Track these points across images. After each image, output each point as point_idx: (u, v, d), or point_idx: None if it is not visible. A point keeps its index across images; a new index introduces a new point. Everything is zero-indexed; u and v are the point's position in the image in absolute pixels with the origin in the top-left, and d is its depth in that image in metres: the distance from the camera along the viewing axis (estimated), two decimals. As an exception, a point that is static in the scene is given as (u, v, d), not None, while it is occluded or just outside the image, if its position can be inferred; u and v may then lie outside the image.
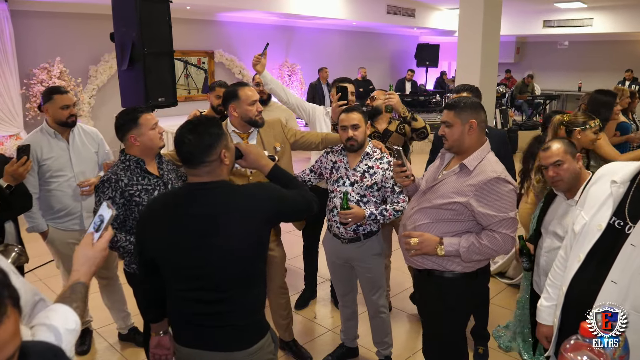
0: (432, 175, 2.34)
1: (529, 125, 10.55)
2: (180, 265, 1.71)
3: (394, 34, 13.53)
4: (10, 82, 6.63)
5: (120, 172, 2.28)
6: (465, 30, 5.82)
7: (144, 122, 2.31)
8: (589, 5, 11.35)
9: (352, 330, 3.11)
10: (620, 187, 1.53)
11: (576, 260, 1.56)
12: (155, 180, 2.36)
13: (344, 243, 2.77)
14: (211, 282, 1.69)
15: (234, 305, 1.72)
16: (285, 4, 8.75)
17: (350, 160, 2.75)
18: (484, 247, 2.07)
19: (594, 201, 1.60)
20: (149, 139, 2.33)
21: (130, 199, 2.26)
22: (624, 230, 1.47)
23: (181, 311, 1.76)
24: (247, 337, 1.74)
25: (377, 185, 2.68)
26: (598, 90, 3.90)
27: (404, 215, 2.40)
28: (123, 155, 2.36)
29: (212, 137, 1.68)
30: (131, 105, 4.05)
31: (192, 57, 9.03)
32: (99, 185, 2.28)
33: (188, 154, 1.68)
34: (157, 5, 3.73)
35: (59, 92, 2.90)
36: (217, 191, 1.71)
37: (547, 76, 14.17)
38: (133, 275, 2.43)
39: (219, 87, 3.77)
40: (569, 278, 1.56)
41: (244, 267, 1.71)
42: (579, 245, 1.58)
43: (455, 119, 2.16)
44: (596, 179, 1.66)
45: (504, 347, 3.20)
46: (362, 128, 2.66)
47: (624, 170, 1.56)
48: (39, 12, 7.08)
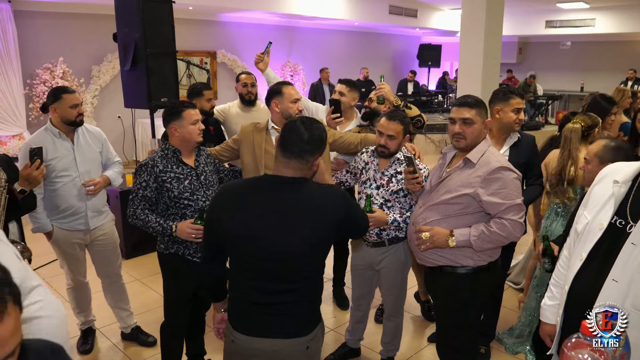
0: (437, 174, 2.35)
1: (531, 125, 10.53)
2: (252, 253, 1.76)
3: (396, 34, 13.53)
4: (14, 82, 6.66)
5: (158, 159, 2.49)
6: (468, 30, 5.82)
7: (186, 115, 2.48)
8: (592, 5, 11.34)
9: (359, 332, 3.11)
10: (622, 187, 1.53)
11: (578, 259, 1.57)
12: (188, 170, 2.53)
13: (368, 246, 2.77)
14: (281, 273, 1.75)
15: (299, 296, 1.78)
16: (287, 5, 8.76)
17: (381, 163, 2.73)
18: (494, 235, 2.10)
19: (596, 201, 1.60)
20: (188, 132, 2.49)
21: (162, 184, 2.46)
22: (626, 230, 1.48)
23: (245, 299, 1.81)
24: (306, 325, 1.82)
25: (403, 191, 2.65)
26: (602, 95, 3.91)
27: (412, 216, 2.42)
28: (164, 143, 2.56)
29: (320, 142, 1.79)
30: (134, 106, 4.08)
31: (194, 57, 9.04)
32: (138, 168, 2.49)
33: (294, 146, 1.75)
34: (159, 6, 3.75)
35: (67, 91, 2.92)
36: (299, 187, 1.78)
37: (549, 76, 14.15)
38: (162, 254, 2.61)
39: (208, 91, 3.69)
40: (571, 277, 1.57)
41: (315, 261, 1.81)
42: (581, 244, 1.59)
43: (477, 117, 2.20)
44: (599, 179, 1.66)
45: (512, 352, 3.19)
46: (397, 140, 2.62)
47: (626, 170, 1.57)
48: (42, 12, 7.10)
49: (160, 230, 2.44)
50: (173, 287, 2.65)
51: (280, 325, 1.77)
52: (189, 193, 2.48)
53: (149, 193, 2.46)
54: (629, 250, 1.42)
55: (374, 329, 3.44)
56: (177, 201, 2.47)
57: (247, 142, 2.83)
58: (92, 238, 3.08)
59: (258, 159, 2.76)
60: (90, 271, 3.23)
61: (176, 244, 2.53)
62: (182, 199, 2.47)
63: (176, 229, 2.42)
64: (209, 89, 3.72)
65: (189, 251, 2.54)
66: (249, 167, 2.82)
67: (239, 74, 3.99)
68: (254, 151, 2.79)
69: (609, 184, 1.59)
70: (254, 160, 2.78)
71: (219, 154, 2.90)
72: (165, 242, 2.56)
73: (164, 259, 2.61)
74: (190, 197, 2.49)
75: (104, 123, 7.44)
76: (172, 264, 2.58)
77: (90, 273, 3.24)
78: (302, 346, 1.80)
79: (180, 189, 2.47)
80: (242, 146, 2.86)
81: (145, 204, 2.46)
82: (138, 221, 2.46)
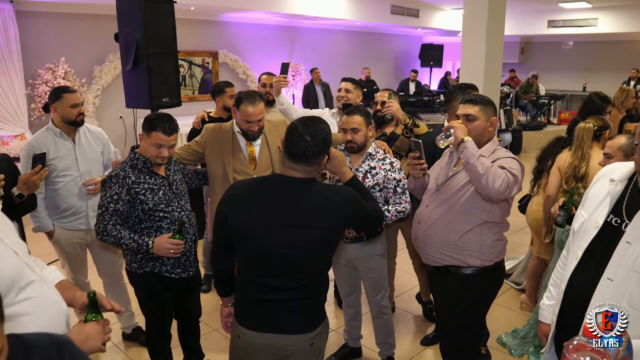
0: (444, 172, 2.35)
1: (534, 125, 10.52)
2: (261, 251, 1.79)
3: (398, 34, 13.52)
4: (16, 82, 6.66)
5: (129, 169, 2.34)
6: (469, 30, 5.81)
7: (153, 136, 2.31)
8: (594, 5, 11.31)
9: (355, 330, 3.11)
10: (618, 185, 1.54)
11: (574, 258, 1.57)
12: (161, 180, 2.40)
13: (346, 243, 2.77)
14: (287, 270, 1.78)
15: (304, 293, 1.82)
16: (289, 5, 8.75)
17: (353, 160, 2.75)
18: (489, 170, 2.04)
19: (593, 200, 1.61)
20: (147, 150, 2.35)
21: (135, 196, 2.31)
22: (621, 228, 1.48)
23: (251, 295, 1.84)
24: (311, 321, 1.86)
25: (378, 186, 2.68)
26: (596, 93, 3.92)
27: (417, 214, 2.41)
28: (132, 153, 2.40)
29: (326, 144, 1.82)
30: (135, 106, 4.08)
31: (196, 57, 9.04)
32: (107, 179, 2.33)
33: (301, 153, 1.76)
34: (161, 6, 3.74)
35: (68, 91, 2.92)
36: (307, 186, 1.80)
37: (551, 76, 14.11)
38: (134, 274, 2.47)
39: (230, 87, 3.80)
40: (567, 276, 1.57)
41: (321, 259, 1.85)
42: (577, 243, 1.59)
43: (480, 114, 2.24)
44: (597, 179, 1.67)
45: (518, 354, 3.17)
46: (362, 131, 2.65)
47: (622, 169, 1.58)
48: (44, 12, 7.10)
49: (134, 247, 2.29)
50: (152, 307, 2.52)
51: (285, 321, 1.80)
52: (164, 204, 2.36)
53: (121, 207, 2.29)
54: (624, 248, 1.42)
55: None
56: (152, 214, 2.34)
57: (212, 148, 2.77)
58: (93, 238, 3.08)
59: (226, 165, 2.71)
60: (92, 271, 3.24)
61: (151, 261, 2.39)
62: (157, 211, 2.35)
63: (153, 245, 2.28)
64: (230, 85, 3.87)
65: (166, 267, 2.41)
66: (216, 172, 2.74)
67: (261, 74, 4.13)
68: (221, 157, 2.74)
69: (605, 183, 1.59)
70: (221, 164, 2.73)
71: (182, 157, 2.79)
72: (138, 260, 2.40)
73: (138, 279, 2.45)
74: (166, 209, 2.37)
75: (105, 123, 7.44)
76: (148, 285, 2.44)
77: (92, 273, 3.24)
78: (306, 342, 1.83)
79: (155, 201, 2.34)
80: (207, 150, 2.78)
81: (116, 218, 2.29)
82: (109, 238, 2.28)
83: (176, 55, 3.88)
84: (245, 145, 2.80)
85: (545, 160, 3.38)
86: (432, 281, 2.53)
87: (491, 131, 2.28)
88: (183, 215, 2.43)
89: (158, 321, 2.57)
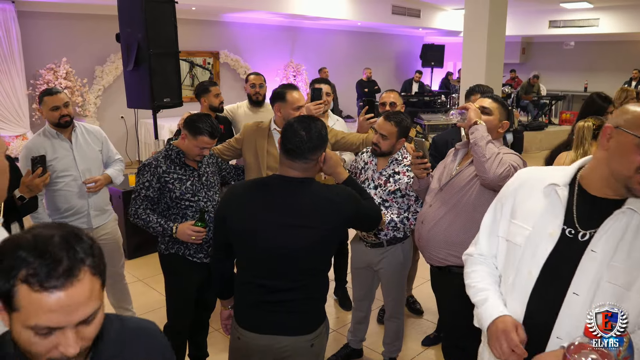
0: (447, 172, 2.35)
1: (535, 125, 10.51)
2: (260, 251, 1.79)
3: (399, 35, 13.52)
4: (17, 82, 6.68)
5: (161, 159, 2.51)
6: (471, 30, 5.81)
7: (199, 140, 2.44)
8: (595, 5, 11.30)
9: (360, 333, 3.10)
10: (564, 191, 1.39)
11: (526, 276, 1.39)
12: (190, 171, 2.54)
13: (367, 247, 2.77)
14: (287, 271, 1.78)
15: (304, 293, 1.81)
16: (290, 5, 8.76)
17: (379, 163, 2.74)
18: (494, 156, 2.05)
19: (530, 209, 1.44)
20: (190, 149, 2.49)
21: (164, 185, 2.47)
22: (577, 238, 1.34)
23: (250, 296, 1.84)
24: (311, 322, 1.85)
25: (400, 191, 2.65)
26: (597, 94, 3.92)
27: (420, 214, 2.42)
28: (168, 144, 2.57)
29: (321, 140, 1.80)
30: (137, 106, 4.09)
31: (197, 57, 9.05)
32: (141, 167, 2.51)
33: (296, 148, 1.76)
34: (162, 6, 3.75)
35: (49, 93, 2.88)
36: (306, 186, 1.81)
37: (552, 76, 14.10)
38: (162, 255, 2.61)
39: (214, 87, 3.72)
40: (525, 299, 1.38)
41: (321, 259, 1.85)
42: (526, 259, 1.40)
43: (496, 111, 2.25)
44: (518, 185, 1.51)
45: None
46: (390, 141, 2.63)
47: (562, 172, 1.43)
48: (46, 12, 7.12)
49: (160, 231, 2.46)
50: (175, 288, 2.65)
51: (285, 322, 1.80)
52: (191, 194, 2.50)
53: (151, 193, 2.48)
54: (589, 258, 1.30)
55: (377, 329, 3.43)
56: (179, 202, 2.49)
57: (249, 142, 2.84)
58: (95, 237, 3.07)
59: (260, 160, 2.76)
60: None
61: (177, 244, 2.54)
62: (183, 200, 2.49)
63: (176, 230, 2.43)
64: (214, 84, 3.75)
65: (189, 251, 2.55)
66: (251, 167, 2.82)
67: (248, 75, 4.02)
68: (256, 152, 2.79)
69: (537, 190, 1.44)
70: (256, 160, 2.79)
71: (222, 153, 2.91)
72: (165, 242, 2.57)
73: (165, 260, 2.62)
74: (192, 198, 2.50)
75: (107, 123, 7.46)
76: (173, 265, 2.59)
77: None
78: (306, 343, 1.83)
79: (182, 190, 2.48)
80: (244, 146, 2.86)
81: (147, 203, 2.48)
82: (139, 220, 2.48)
83: (177, 56, 3.89)
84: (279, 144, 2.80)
85: (552, 162, 3.37)
86: (435, 281, 2.52)
87: (500, 132, 2.28)
88: (209, 205, 2.55)
89: (178, 304, 2.65)
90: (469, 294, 1.58)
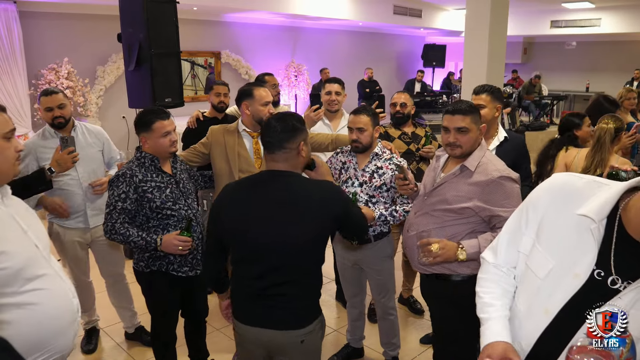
0: (431, 177, 2.31)
1: (536, 126, 10.50)
2: (252, 247, 1.82)
3: (401, 35, 13.50)
4: (19, 82, 6.68)
5: (135, 168, 2.37)
6: (472, 30, 5.80)
7: (156, 128, 2.37)
8: (597, 5, 11.28)
9: (358, 330, 3.10)
10: (600, 227, 1.19)
11: (542, 312, 1.27)
12: (168, 178, 2.43)
13: (354, 244, 2.77)
14: (277, 265, 1.80)
15: (299, 288, 1.83)
16: (291, 5, 8.76)
17: (360, 160, 2.74)
18: (488, 242, 2.01)
19: (557, 237, 1.27)
20: (158, 144, 2.39)
21: (143, 194, 2.34)
22: (606, 283, 1.19)
23: (245, 290, 1.87)
24: (301, 318, 1.86)
25: (386, 185, 2.67)
26: (605, 97, 3.88)
27: (407, 221, 2.39)
28: (139, 152, 2.43)
29: (294, 128, 1.84)
30: (138, 106, 4.08)
31: (199, 57, 9.05)
32: (114, 178, 2.36)
33: (272, 139, 1.82)
34: (164, 6, 3.75)
35: (45, 94, 2.88)
36: (294, 180, 1.84)
37: (554, 77, 14.08)
38: (141, 273, 2.49)
39: (217, 86, 3.79)
40: (536, 335, 1.28)
41: (312, 255, 1.85)
42: (545, 295, 1.27)
43: (472, 124, 2.11)
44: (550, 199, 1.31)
45: None
46: (368, 132, 2.64)
47: (596, 202, 1.22)
48: (47, 13, 7.12)
49: (143, 245, 2.30)
50: (159, 306, 2.55)
51: (275, 317, 1.82)
52: (172, 202, 2.39)
53: (129, 205, 2.32)
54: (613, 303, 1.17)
55: (376, 328, 3.42)
56: (160, 212, 2.37)
57: (218, 146, 2.76)
58: (93, 237, 3.08)
59: (232, 163, 2.71)
60: (94, 271, 3.24)
61: (158, 260, 2.42)
62: (164, 209, 2.37)
63: (161, 242, 2.30)
64: (218, 84, 3.84)
65: (173, 266, 2.44)
66: (222, 172, 2.74)
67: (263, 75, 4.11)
68: (226, 156, 2.73)
69: (569, 213, 1.25)
70: (227, 165, 2.72)
71: (188, 159, 2.79)
72: (145, 259, 2.43)
73: (144, 278, 2.49)
74: (173, 207, 2.40)
75: (108, 123, 7.46)
76: (155, 284, 2.47)
77: (94, 273, 3.25)
78: (296, 339, 1.84)
79: (163, 199, 2.37)
80: (213, 150, 2.78)
81: (124, 217, 2.31)
82: (117, 236, 2.30)
83: (179, 56, 3.89)
84: (252, 144, 2.78)
85: (544, 164, 3.34)
86: (424, 288, 2.47)
87: (481, 138, 2.18)
88: (190, 213, 2.46)
89: (164, 321, 2.58)
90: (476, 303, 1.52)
